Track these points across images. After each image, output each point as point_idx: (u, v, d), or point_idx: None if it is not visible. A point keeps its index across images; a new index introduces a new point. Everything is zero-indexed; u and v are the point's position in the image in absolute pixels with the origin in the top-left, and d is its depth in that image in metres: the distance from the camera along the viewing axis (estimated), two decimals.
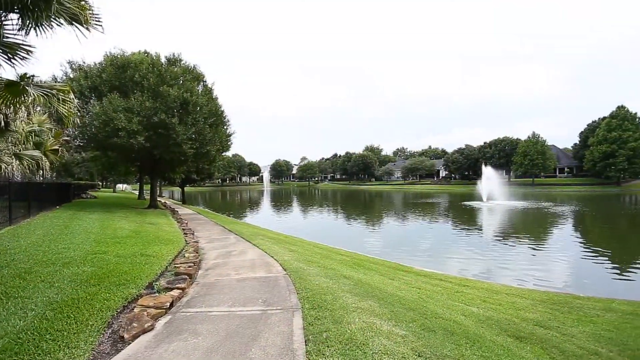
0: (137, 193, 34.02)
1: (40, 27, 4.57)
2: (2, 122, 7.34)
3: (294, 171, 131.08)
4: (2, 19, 4.39)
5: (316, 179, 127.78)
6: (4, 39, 4.50)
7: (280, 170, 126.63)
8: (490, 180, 41.87)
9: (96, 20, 5.03)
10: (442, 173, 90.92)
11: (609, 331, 4.98)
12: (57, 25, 4.75)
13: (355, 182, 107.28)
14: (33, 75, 5.13)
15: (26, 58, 4.78)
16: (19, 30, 4.51)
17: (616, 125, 55.88)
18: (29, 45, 4.70)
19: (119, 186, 56.33)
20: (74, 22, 4.78)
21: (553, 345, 4.18)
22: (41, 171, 12.13)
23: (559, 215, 23.68)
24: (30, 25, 4.45)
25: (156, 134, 15.29)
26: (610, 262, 11.02)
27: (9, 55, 4.64)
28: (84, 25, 4.89)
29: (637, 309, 6.09)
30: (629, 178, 58.68)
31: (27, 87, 4.72)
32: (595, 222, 20.81)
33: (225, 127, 20.36)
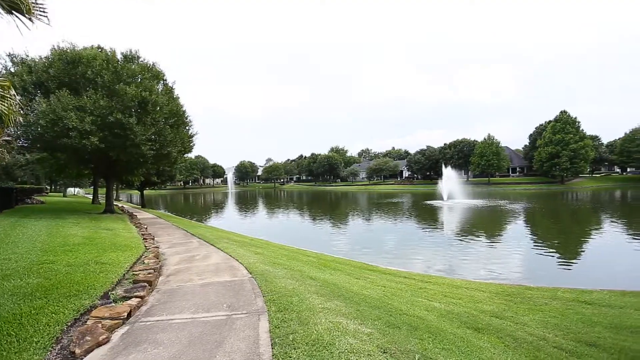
0: (91, 197, 31.83)
1: None
2: None
3: (260, 173, 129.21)
4: None
5: (282, 180, 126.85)
6: None
7: (245, 171, 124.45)
8: (450, 180, 43.98)
9: (40, 10, 4.61)
10: (405, 173, 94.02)
11: (555, 317, 5.41)
12: None
13: (321, 183, 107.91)
14: None
15: None
16: None
17: (560, 128, 61.13)
18: None
19: (70, 190, 52.30)
20: (13, 12, 4.35)
21: (507, 334, 4.46)
22: None
23: (513, 211, 25.37)
24: None
25: (112, 135, 14.37)
26: (556, 252, 11.97)
27: None
28: (26, 15, 4.46)
29: (578, 296, 6.68)
30: (571, 177, 64.28)
31: None
32: (543, 218, 22.50)
33: (187, 128, 19.60)
